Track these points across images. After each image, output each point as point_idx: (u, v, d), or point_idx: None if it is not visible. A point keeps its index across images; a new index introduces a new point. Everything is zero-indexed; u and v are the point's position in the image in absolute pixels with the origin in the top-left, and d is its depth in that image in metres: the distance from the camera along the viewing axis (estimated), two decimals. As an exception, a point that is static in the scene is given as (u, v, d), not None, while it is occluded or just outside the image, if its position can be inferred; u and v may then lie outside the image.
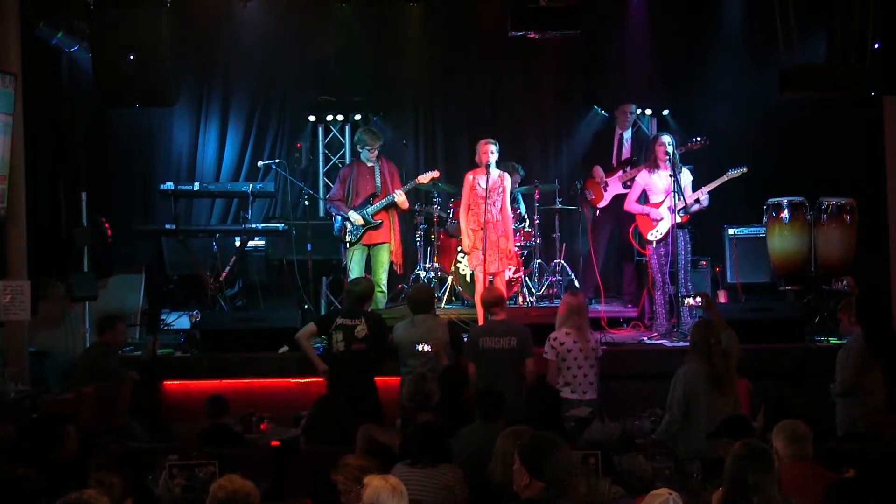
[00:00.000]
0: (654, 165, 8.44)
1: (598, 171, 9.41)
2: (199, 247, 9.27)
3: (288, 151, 10.41)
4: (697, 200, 8.35)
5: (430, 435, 4.84)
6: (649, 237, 8.45)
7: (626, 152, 9.50)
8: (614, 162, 9.49)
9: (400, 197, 8.58)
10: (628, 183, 9.08)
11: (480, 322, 8.25)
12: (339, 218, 8.76)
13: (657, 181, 8.44)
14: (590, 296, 9.03)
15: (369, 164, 8.70)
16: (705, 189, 8.38)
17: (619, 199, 9.16)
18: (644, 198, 8.56)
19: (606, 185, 9.36)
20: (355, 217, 8.58)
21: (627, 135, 9.54)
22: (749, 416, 5.63)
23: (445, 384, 5.99)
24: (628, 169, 9.24)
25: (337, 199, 8.71)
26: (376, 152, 8.69)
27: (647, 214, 8.44)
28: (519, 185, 9.59)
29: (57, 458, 4.89)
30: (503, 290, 7.94)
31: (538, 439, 3.96)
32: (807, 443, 4.55)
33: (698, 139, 8.78)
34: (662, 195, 8.38)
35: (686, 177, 8.41)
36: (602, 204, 9.40)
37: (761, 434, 4.87)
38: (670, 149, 8.25)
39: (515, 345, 6.73)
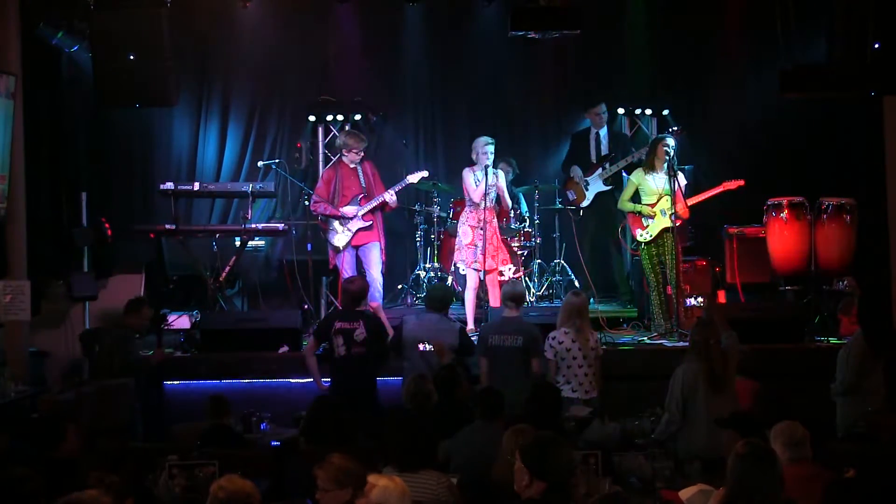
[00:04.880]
0: (651, 167, 8.42)
1: (576, 171, 9.42)
2: (199, 247, 9.26)
3: (288, 151, 10.39)
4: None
5: (413, 439, 4.69)
6: (639, 238, 8.43)
7: (603, 149, 9.49)
8: (593, 159, 9.49)
9: (391, 197, 8.53)
10: (609, 180, 9.09)
11: (470, 320, 8.28)
12: (324, 218, 8.69)
13: (651, 183, 8.42)
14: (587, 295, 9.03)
15: (352, 166, 8.62)
16: (699, 198, 8.37)
17: (600, 197, 9.19)
18: (636, 198, 8.54)
19: (587, 183, 9.36)
20: (350, 209, 8.49)
21: (603, 132, 9.53)
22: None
23: (437, 383, 5.99)
24: (607, 165, 9.24)
25: (323, 200, 8.64)
26: (361, 155, 8.63)
27: (640, 214, 8.43)
28: (514, 183, 9.59)
29: (57, 457, 4.89)
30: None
31: (540, 439, 3.95)
32: (805, 447, 4.55)
33: (673, 129, 8.78)
34: (656, 197, 8.37)
35: (681, 180, 8.38)
36: (584, 203, 9.40)
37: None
38: (671, 151, 8.24)
39: (521, 343, 6.75)
